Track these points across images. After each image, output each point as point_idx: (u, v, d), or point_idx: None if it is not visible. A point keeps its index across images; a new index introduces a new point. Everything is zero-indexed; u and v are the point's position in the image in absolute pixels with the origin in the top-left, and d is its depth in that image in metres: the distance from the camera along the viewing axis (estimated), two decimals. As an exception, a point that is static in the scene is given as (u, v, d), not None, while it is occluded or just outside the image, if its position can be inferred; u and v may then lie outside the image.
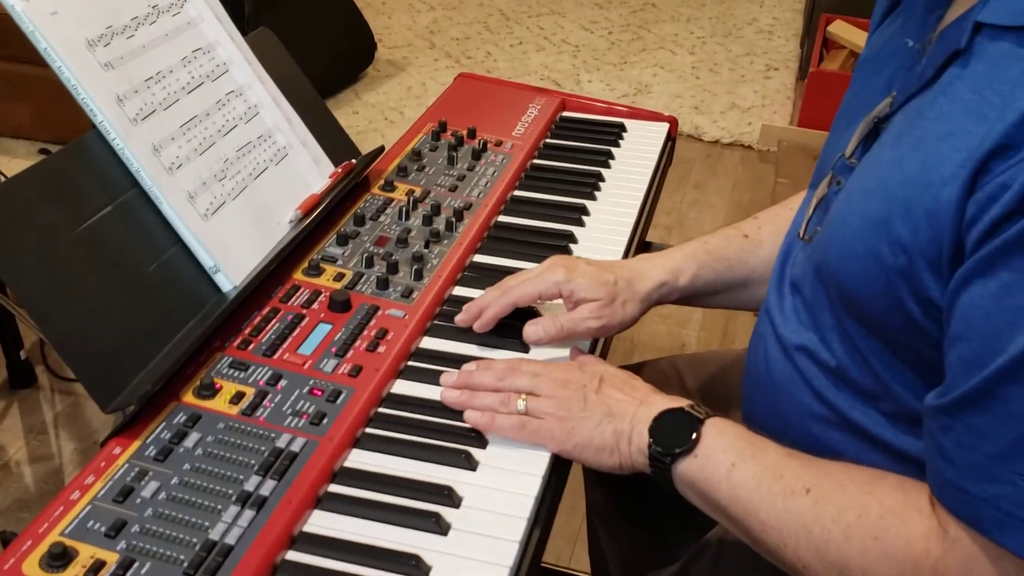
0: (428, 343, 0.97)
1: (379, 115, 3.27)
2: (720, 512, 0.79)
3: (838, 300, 0.77)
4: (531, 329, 0.94)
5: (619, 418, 0.83)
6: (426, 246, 1.08)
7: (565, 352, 0.96)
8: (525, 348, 0.96)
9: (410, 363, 0.93)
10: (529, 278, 0.97)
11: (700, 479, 0.79)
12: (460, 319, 0.97)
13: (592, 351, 0.99)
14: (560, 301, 0.97)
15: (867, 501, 0.70)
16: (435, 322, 0.99)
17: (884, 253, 0.70)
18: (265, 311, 0.95)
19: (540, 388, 0.86)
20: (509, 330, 0.96)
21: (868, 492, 0.71)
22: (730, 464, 0.77)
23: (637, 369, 1.16)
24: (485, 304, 0.96)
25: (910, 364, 0.73)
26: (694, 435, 0.79)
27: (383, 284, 1.00)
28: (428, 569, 0.73)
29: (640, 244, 1.23)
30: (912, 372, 0.73)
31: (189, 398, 0.84)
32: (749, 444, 0.78)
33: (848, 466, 0.74)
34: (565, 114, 1.47)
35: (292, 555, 0.73)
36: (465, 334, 0.97)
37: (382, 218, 1.12)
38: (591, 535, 1.28)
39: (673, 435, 0.80)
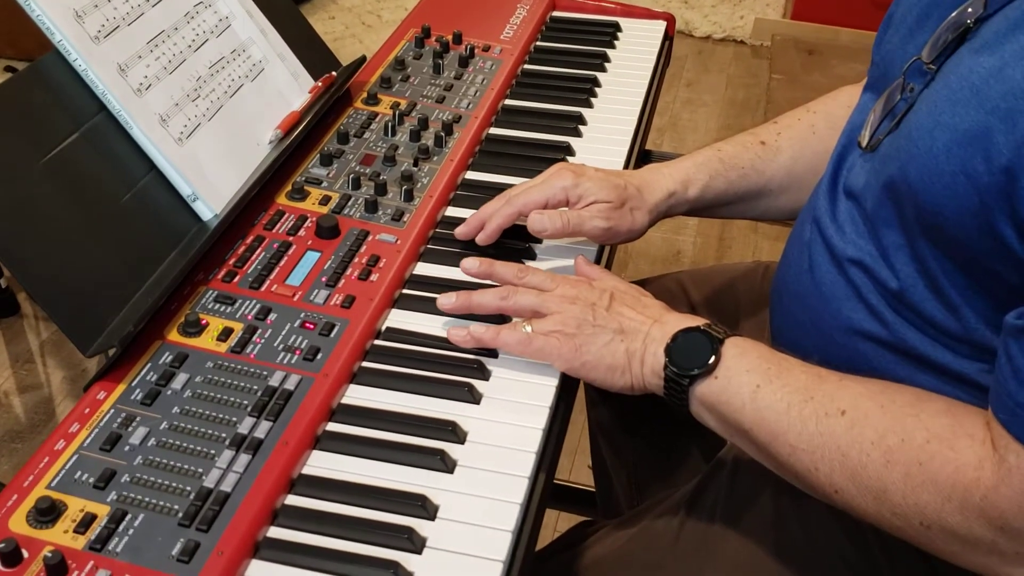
0: (423, 269, 0.92)
1: (356, 19, 3.15)
2: (741, 435, 0.76)
3: (913, 220, 0.70)
4: (536, 217, 0.89)
5: (631, 337, 0.79)
6: (415, 164, 1.02)
7: (570, 262, 0.91)
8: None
9: (405, 291, 0.89)
10: (534, 185, 0.91)
11: (721, 402, 0.75)
12: (460, 231, 0.92)
13: (597, 262, 0.94)
14: None
15: (911, 424, 0.67)
16: (429, 246, 0.94)
17: (979, 171, 0.63)
18: (249, 240, 0.90)
19: (547, 306, 0.81)
20: (510, 253, 0.92)
21: (912, 415, 0.67)
22: (755, 386, 0.73)
23: (640, 286, 1.12)
24: (487, 215, 0.91)
25: (986, 289, 0.68)
26: (713, 355, 0.75)
27: (372, 207, 0.94)
28: (436, 508, 0.70)
29: (640, 153, 1.17)
30: (988, 297, 0.68)
31: (174, 336, 0.80)
32: (774, 364, 0.74)
33: (887, 386, 0.71)
34: (555, 14, 1.39)
35: (292, 499, 0.70)
36: (462, 258, 0.92)
37: (367, 134, 1.06)
38: (594, 453, 1.26)
39: (691, 356, 0.76)
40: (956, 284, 0.69)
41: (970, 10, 0.69)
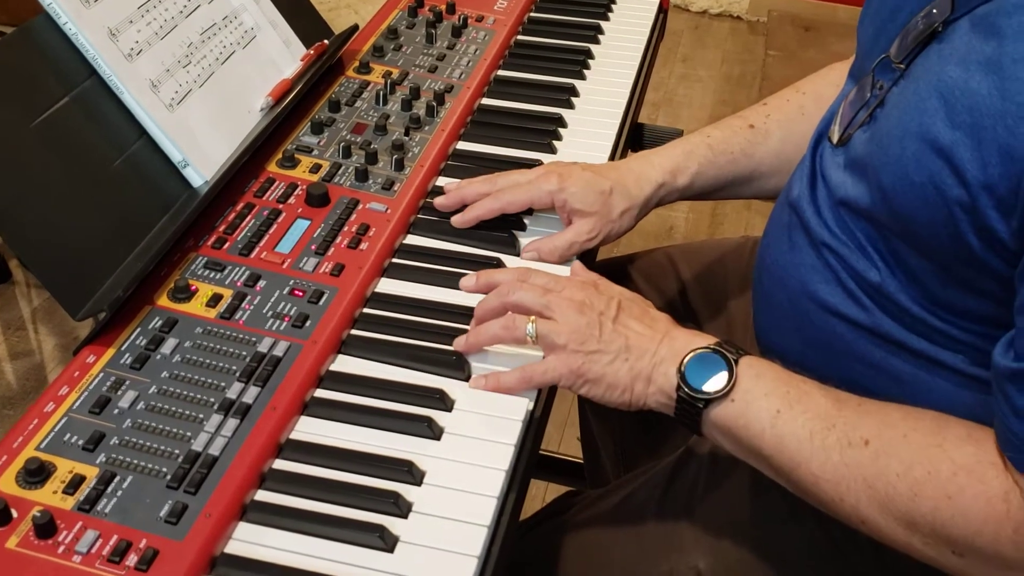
0: (412, 239, 0.92)
1: (352, -11, 3.12)
2: (760, 460, 0.74)
3: (888, 222, 0.70)
4: (527, 253, 0.91)
5: (637, 355, 0.76)
6: (406, 133, 1.02)
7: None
8: (515, 248, 0.91)
9: (394, 260, 0.89)
10: (521, 183, 0.91)
11: (739, 426, 0.73)
12: (440, 202, 0.92)
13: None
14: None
15: (936, 455, 0.65)
16: (419, 216, 0.95)
17: (947, 183, 0.63)
18: (239, 207, 0.90)
19: (552, 309, 0.78)
20: (498, 227, 0.92)
21: (935, 444, 0.66)
22: (775, 411, 0.71)
23: (630, 260, 1.13)
24: (468, 196, 0.92)
25: (961, 288, 0.67)
26: (729, 378, 0.73)
27: (362, 176, 0.94)
28: (422, 475, 0.70)
29: (632, 126, 1.17)
30: (962, 295, 0.68)
31: (164, 301, 0.80)
32: (793, 388, 0.72)
33: (907, 412, 0.69)
34: (550, -14, 1.38)
35: (280, 463, 0.71)
36: (451, 231, 0.92)
37: (358, 103, 1.06)
38: (583, 425, 1.27)
39: (705, 378, 0.74)
40: (936, 281, 0.69)
41: (935, 11, 0.68)
